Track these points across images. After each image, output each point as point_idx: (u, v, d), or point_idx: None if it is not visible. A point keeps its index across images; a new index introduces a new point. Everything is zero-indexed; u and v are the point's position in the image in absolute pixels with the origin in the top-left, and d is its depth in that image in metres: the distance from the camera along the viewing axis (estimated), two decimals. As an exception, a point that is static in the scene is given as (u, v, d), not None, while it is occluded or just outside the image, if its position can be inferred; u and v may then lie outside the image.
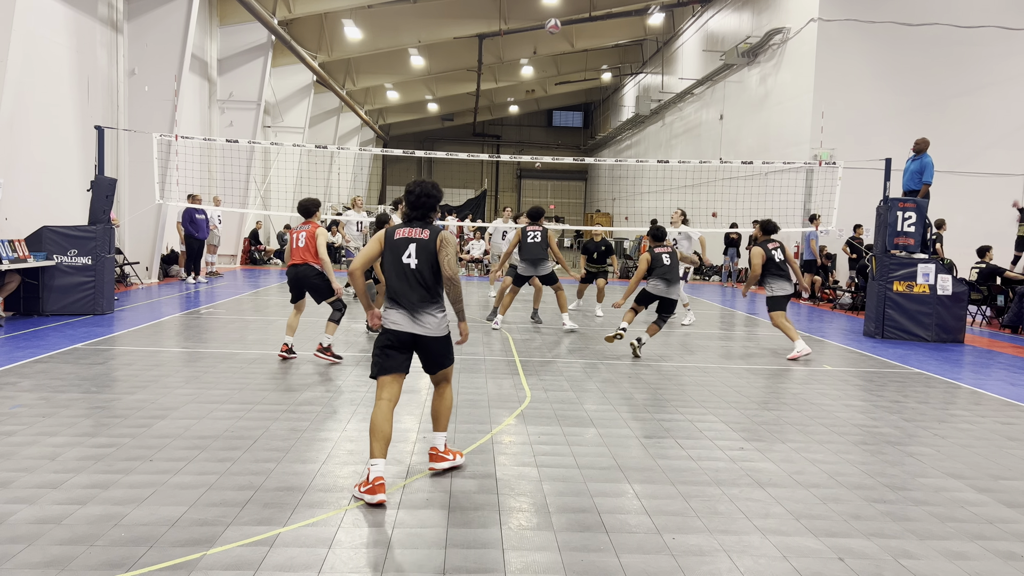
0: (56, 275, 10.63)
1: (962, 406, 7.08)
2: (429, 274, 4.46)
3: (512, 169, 51.93)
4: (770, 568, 3.55)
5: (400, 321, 4.45)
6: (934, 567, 3.63)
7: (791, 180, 19.12)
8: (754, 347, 10.12)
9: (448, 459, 4.73)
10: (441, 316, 4.53)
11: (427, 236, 4.48)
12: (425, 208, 4.57)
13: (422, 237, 4.48)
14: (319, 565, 3.41)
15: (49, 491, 4.15)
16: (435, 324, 4.49)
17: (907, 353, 9.98)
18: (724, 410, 6.53)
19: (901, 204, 11.35)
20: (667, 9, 28.59)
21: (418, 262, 4.46)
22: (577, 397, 6.79)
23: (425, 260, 4.46)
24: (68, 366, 7.33)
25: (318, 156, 30.54)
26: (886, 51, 18.56)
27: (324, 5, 22.97)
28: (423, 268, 4.45)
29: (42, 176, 12.99)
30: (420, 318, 4.45)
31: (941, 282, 11.07)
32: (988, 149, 18.73)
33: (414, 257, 4.46)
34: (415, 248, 4.47)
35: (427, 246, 4.47)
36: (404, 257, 4.47)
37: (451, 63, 32.76)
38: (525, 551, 3.62)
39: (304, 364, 7.85)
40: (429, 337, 4.48)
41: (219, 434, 5.28)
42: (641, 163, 22.33)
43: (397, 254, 4.49)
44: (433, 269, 4.48)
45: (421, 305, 4.45)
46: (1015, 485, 4.87)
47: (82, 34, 14.04)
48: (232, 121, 21.73)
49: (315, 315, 10.91)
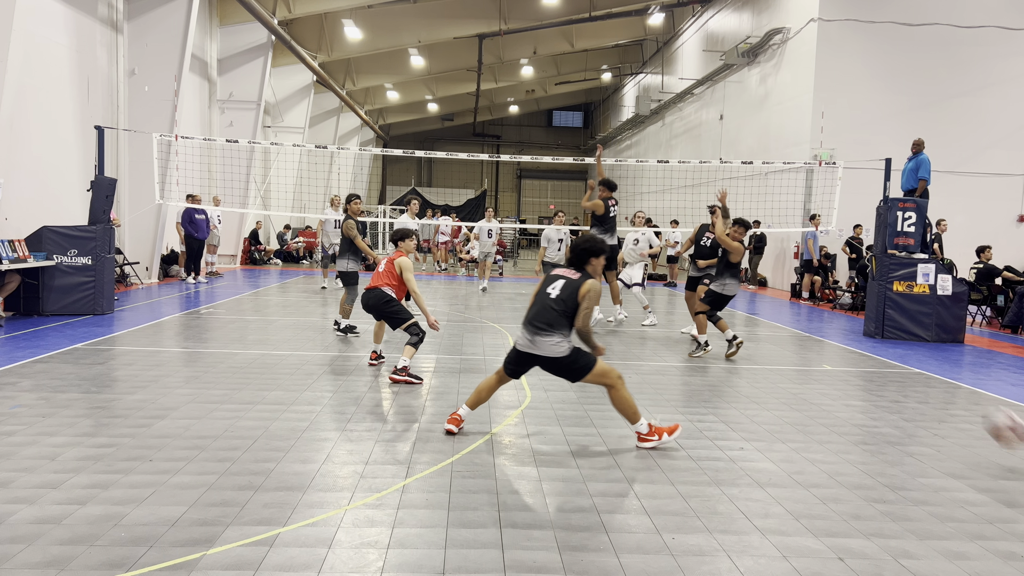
0: (56, 275, 10.63)
1: (962, 406, 7.08)
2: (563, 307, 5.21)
3: (512, 169, 51.92)
4: (770, 568, 3.55)
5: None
6: (934, 567, 3.64)
7: (791, 180, 19.13)
8: (754, 347, 10.12)
9: (653, 439, 5.28)
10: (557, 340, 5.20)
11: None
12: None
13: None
14: (319, 565, 3.41)
15: (49, 491, 4.15)
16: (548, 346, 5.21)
17: (907, 353, 9.98)
18: (724, 410, 6.53)
19: (901, 204, 11.35)
20: (667, 9, 28.59)
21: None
22: (577, 397, 6.79)
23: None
24: (68, 366, 7.33)
25: (318, 156, 30.54)
26: (886, 51, 18.56)
27: (324, 5, 22.97)
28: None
29: (42, 176, 12.99)
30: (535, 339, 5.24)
31: (941, 282, 11.07)
32: (988, 149, 18.73)
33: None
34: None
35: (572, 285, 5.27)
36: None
37: (451, 63, 32.76)
38: (525, 551, 3.62)
39: (304, 364, 7.85)
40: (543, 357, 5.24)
41: (219, 434, 5.28)
42: (641, 163, 22.31)
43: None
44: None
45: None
46: (1015, 485, 4.87)
47: (82, 34, 14.05)
48: (232, 121, 21.73)
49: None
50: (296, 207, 27.84)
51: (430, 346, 9.14)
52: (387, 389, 6.87)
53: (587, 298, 5.15)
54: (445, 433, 5.46)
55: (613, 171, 40.37)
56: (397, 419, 5.87)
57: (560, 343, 5.15)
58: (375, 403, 6.34)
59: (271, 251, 24.22)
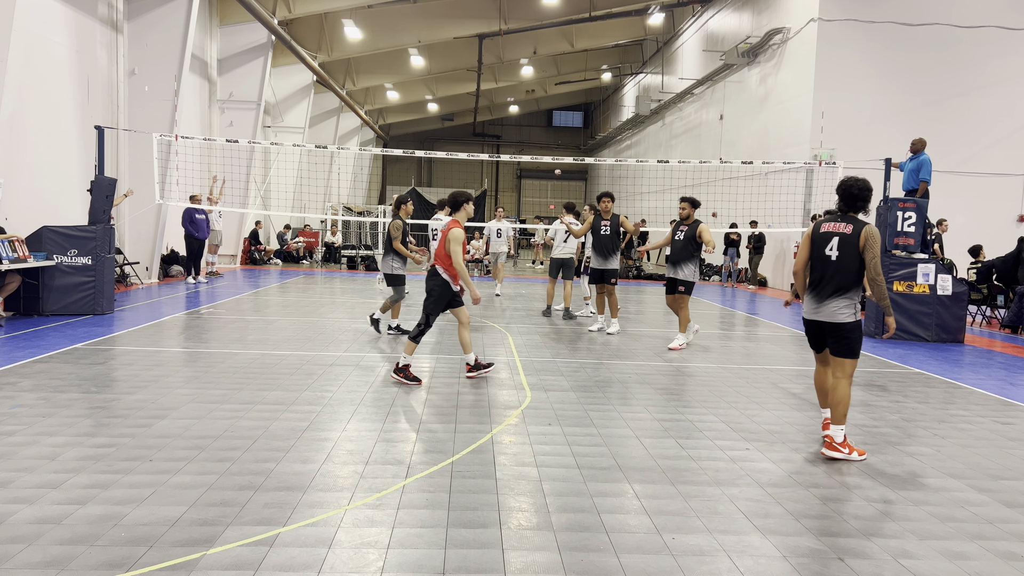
0: (56, 275, 10.63)
1: (962, 406, 7.08)
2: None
3: (512, 169, 51.93)
4: (770, 568, 3.55)
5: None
6: (934, 567, 3.64)
7: (791, 180, 19.13)
8: (754, 347, 10.12)
9: (842, 452, 5.15)
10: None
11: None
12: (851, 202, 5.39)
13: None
14: (319, 565, 3.41)
15: (49, 491, 4.15)
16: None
17: (907, 353, 9.98)
18: (724, 410, 6.53)
19: (901, 204, 11.36)
20: (667, 9, 28.60)
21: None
22: (577, 397, 6.79)
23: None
24: (68, 366, 7.33)
25: (318, 156, 30.55)
26: (886, 51, 18.56)
27: (324, 5, 22.97)
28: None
29: (42, 176, 13.00)
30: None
31: (941, 282, 11.07)
32: (988, 149, 18.73)
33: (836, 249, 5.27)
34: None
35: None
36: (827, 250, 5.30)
37: (451, 63, 32.77)
38: (525, 551, 3.62)
39: (304, 364, 7.85)
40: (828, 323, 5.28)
41: (219, 434, 5.28)
42: (641, 163, 22.31)
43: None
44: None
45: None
46: (1015, 485, 4.87)
47: (82, 34, 14.05)
48: (232, 121, 21.74)
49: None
50: (296, 207, 27.85)
51: (430, 347, 9.14)
52: (387, 389, 6.87)
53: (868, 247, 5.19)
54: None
55: (613, 171, 40.40)
56: (397, 419, 5.87)
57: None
58: (375, 403, 6.34)
59: (271, 251, 24.22)
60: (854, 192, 5.30)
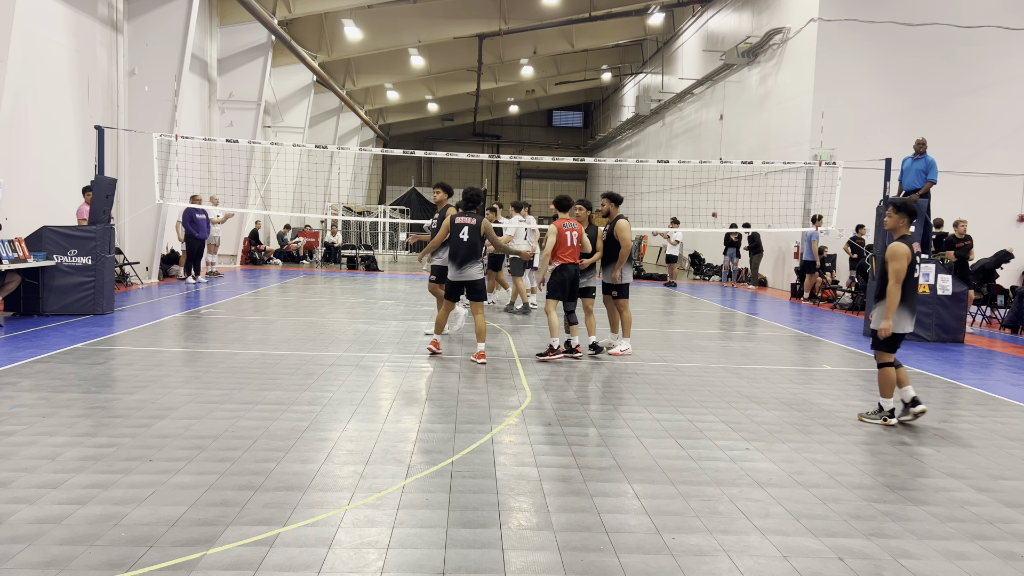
0: (56, 275, 10.63)
1: (962, 406, 7.08)
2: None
3: (512, 169, 51.93)
4: (770, 568, 3.55)
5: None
6: (934, 567, 3.64)
7: (791, 180, 19.13)
8: (754, 347, 10.12)
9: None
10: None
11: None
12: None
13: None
14: (319, 565, 3.41)
15: (49, 491, 4.15)
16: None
17: (907, 353, 9.98)
18: (724, 410, 6.53)
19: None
20: (667, 9, 28.59)
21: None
22: (577, 397, 6.79)
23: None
24: (68, 366, 7.33)
25: (318, 156, 30.55)
26: (886, 51, 18.56)
27: (324, 5, 22.97)
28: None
29: (42, 176, 13.00)
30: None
31: (941, 282, 11.08)
32: (988, 149, 18.73)
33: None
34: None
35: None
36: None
37: (451, 63, 32.77)
38: (525, 551, 3.62)
39: (304, 364, 7.85)
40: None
41: (219, 434, 5.28)
42: (641, 163, 22.33)
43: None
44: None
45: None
46: (1015, 485, 4.87)
47: (82, 34, 14.05)
48: (232, 121, 21.74)
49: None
50: (296, 207, 27.85)
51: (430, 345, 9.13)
52: (387, 389, 6.88)
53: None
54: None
55: (613, 171, 40.40)
56: (397, 419, 5.87)
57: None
58: (375, 403, 6.34)
59: (271, 251, 24.22)
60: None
